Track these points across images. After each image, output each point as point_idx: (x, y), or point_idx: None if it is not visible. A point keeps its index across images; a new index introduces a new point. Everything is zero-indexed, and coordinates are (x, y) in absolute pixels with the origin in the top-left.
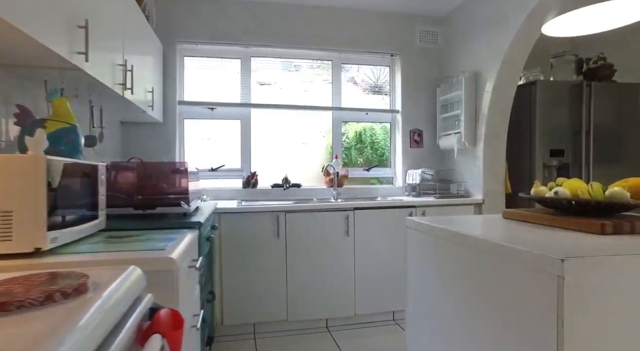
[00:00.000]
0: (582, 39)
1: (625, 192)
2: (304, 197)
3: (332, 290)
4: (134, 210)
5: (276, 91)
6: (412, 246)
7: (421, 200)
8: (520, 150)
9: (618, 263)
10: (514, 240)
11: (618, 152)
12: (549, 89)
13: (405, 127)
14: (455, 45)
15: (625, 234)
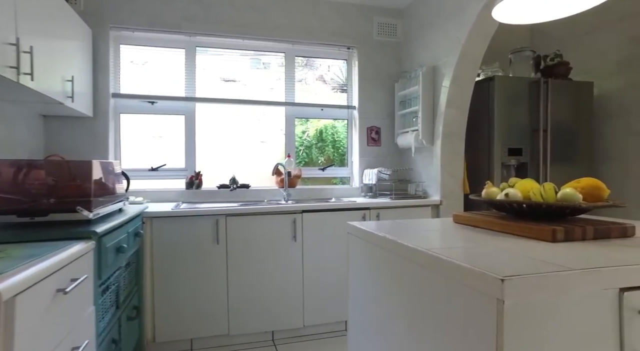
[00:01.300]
0: (540, 36)
1: (577, 193)
2: (253, 198)
3: (278, 300)
4: (18, 217)
5: (240, 88)
6: (353, 253)
7: (376, 202)
8: (478, 148)
9: (566, 281)
10: (457, 252)
11: (573, 151)
12: (507, 85)
13: (363, 124)
14: (414, 39)
15: (576, 241)
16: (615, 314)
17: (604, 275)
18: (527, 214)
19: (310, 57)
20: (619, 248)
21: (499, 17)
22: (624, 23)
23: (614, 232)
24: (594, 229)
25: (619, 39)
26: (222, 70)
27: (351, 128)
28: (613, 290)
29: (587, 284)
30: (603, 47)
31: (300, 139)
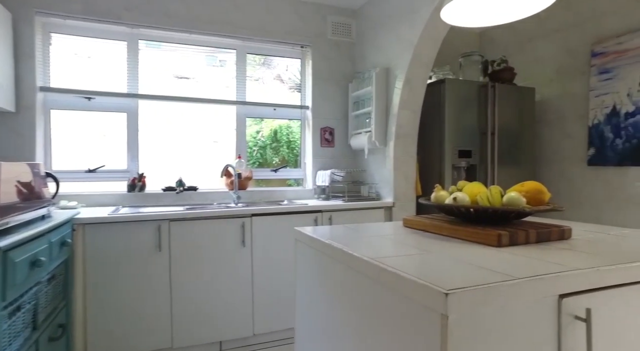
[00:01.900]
0: (488, 42)
1: (521, 197)
2: (201, 201)
3: (226, 309)
4: None
5: (194, 86)
6: (300, 260)
7: (328, 204)
8: (430, 150)
9: (510, 291)
10: (402, 261)
11: (518, 154)
12: (457, 88)
13: (316, 125)
14: (368, 39)
15: (520, 245)
16: (555, 320)
17: (546, 283)
18: (474, 218)
19: (263, 54)
20: (558, 251)
21: (447, 19)
22: (560, 34)
23: (554, 235)
24: (536, 233)
25: (557, 49)
26: (176, 67)
27: (304, 129)
28: (553, 297)
29: (531, 293)
30: (543, 56)
31: (254, 139)
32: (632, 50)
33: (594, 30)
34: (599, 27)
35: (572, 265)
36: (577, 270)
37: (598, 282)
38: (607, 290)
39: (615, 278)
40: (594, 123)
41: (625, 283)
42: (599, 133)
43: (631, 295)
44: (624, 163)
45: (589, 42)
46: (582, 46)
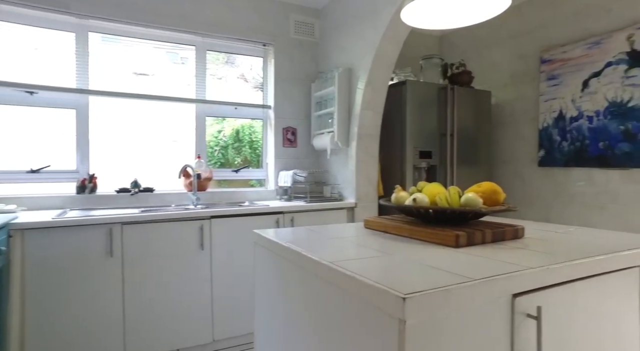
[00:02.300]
0: (448, 45)
1: (478, 198)
2: (158, 203)
3: (184, 315)
4: None
5: (154, 83)
6: (259, 263)
7: (290, 205)
8: (392, 150)
9: (467, 293)
10: (361, 264)
11: (476, 155)
12: (418, 90)
13: (278, 125)
14: (331, 39)
15: (477, 245)
16: (508, 319)
17: (500, 283)
18: (433, 219)
19: (224, 52)
20: (512, 251)
21: (407, 20)
22: (513, 41)
23: (508, 234)
24: (492, 233)
25: (510, 55)
26: (135, 63)
27: (267, 129)
28: (507, 296)
29: (486, 293)
30: (498, 61)
31: (216, 139)
32: (574, 59)
33: (542, 39)
34: (546, 36)
35: (525, 264)
36: (529, 270)
37: (548, 280)
38: (557, 287)
39: (563, 275)
40: (543, 126)
41: (572, 280)
42: (548, 135)
43: (578, 290)
44: (569, 164)
45: (539, 50)
46: (533, 53)
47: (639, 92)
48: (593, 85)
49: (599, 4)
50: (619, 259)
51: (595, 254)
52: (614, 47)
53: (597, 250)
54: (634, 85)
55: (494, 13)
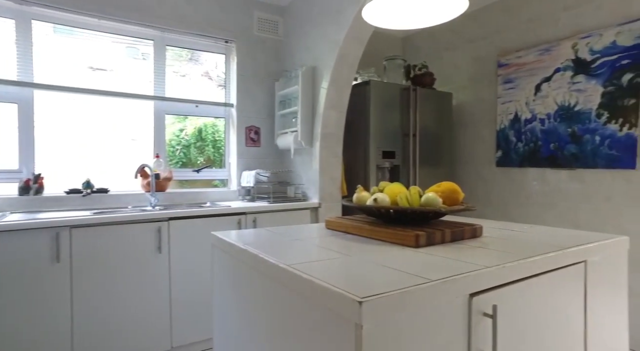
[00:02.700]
0: (410, 47)
1: (437, 197)
2: (113, 205)
3: (141, 322)
4: None
5: (112, 79)
6: (217, 267)
7: (253, 206)
8: (355, 150)
9: (425, 294)
10: (319, 267)
11: (438, 155)
12: (382, 90)
13: (241, 123)
14: (295, 38)
15: (437, 244)
16: (465, 319)
17: (458, 283)
18: (394, 219)
19: (184, 47)
20: (470, 250)
21: (368, 19)
22: (472, 45)
23: (467, 233)
24: (451, 232)
25: (469, 58)
26: (92, 58)
27: (229, 128)
28: (464, 296)
29: (444, 294)
30: (458, 64)
31: (178, 138)
32: (528, 64)
33: (499, 44)
34: (502, 41)
35: (482, 263)
36: (486, 269)
37: (504, 278)
38: (511, 285)
39: (518, 273)
40: (500, 128)
41: (525, 277)
42: (505, 137)
43: (531, 287)
44: (524, 164)
45: (495, 54)
46: (490, 57)
47: (583, 97)
48: (544, 90)
49: (548, 14)
50: (567, 255)
51: (547, 251)
52: (561, 54)
53: (548, 247)
54: (579, 90)
55: (452, 15)
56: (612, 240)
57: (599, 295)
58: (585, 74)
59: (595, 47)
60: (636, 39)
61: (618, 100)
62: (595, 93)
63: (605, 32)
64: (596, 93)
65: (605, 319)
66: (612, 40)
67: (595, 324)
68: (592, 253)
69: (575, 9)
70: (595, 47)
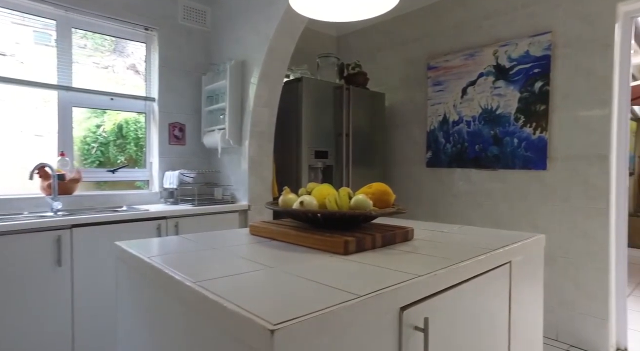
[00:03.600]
0: (344, 47)
1: (368, 200)
2: (4, 211)
3: (36, 346)
4: None
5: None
6: (121, 281)
7: (175, 209)
8: (287, 150)
9: (351, 313)
10: (231, 283)
11: (371, 155)
12: (314, 88)
13: (164, 120)
14: (224, 29)
15: (368, 250)
16: (396, 335)
17: (388, 298)
18: (322, 223)
19: (94, 31)
20: (402, 256)
21: (297, 8)
22: (404, 47)
23: (398, 237)
24: (382, 236)
25: (401, 60)
26: None
27: (150, 124)
28: (394, 310)
29: (372, 310)
30: (390, 64)
31: (94, 135)
32: (455, 67)
33: (428, 46)
34: (432, 44)
35: (414, 270)
36: (418, 278)
37: (435, 287)
38: (443, 293)
39: (449, 280)
40: (430, 129)
41: (456, 284)
42: (434, 138)
43: (461, 293)
44: (452, 165)
45: (425, 57)
46: (421, 59)
47: (503, 101)
48: (470, 93)
49: (472, 21)
50: (495, 257)
51: (476, 254)
52: (484, 60)
53: (477, 250)
54: (499, 95)
55: (382, 10)
56: (532, 239)
57: (521, 292)
58: (505, 80)
59: (512, 55)
60: (544, 50)
61: (532, 106)
62: (513, 98)
63: (520, 42)
64: (514, 98)
65: (525, 313)
66: (525, 49)
67: (517, 319)
68: (516, 254)
69: (494, 19)
70: (513, 55)
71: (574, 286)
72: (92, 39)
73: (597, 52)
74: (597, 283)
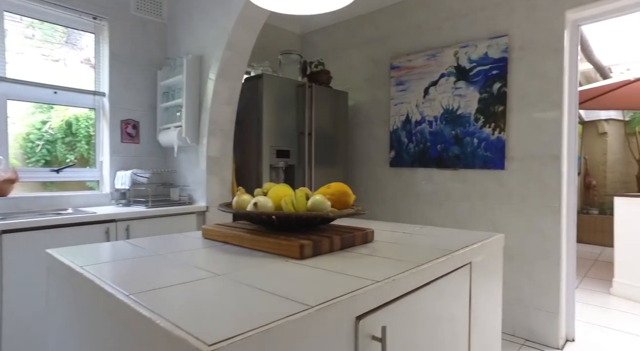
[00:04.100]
0: (308, 45)
1: (326, 201)
2: None
3: None
4: None
5: None
6: (51, 295)
7: (126, 212)
8: (247, 149)
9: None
10: (173, 294)
11: (333, 154)
12: (276, 85)
13: (116, 116)
14: (181, 21)
15: (325, 253)
16: (351, 345)
17: (342, 307)
18: (278, 226)
19: (32, 17)
20: (360, 259)
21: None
22: (367, 46)
23: (358, 240)
24: (341, 239)
25: (365, 59)
26: None
27: (100, 120)
28: (350, 320)
29: (326, 321)
30: (354, 63)
31: (39, 131)
32: (418, 68)
33: (392, 46)
34: (395, 44)
35: (372, 276)
36: (375, 284)
37: (394, 293)
38: (402, 299)
39: (408, 285)
40: (393, 129)
41: (416, 288)
42: (397, 137)
43: (420, 298)
44: (414, 164)
45: (389, 56)
46: (384, 59)
47: (464, 101)
48: (432, 93)
49: (434, 22)
50: (456, 259)
51: (437, 257)
52: (445, 61)
53: (438, 251)
54: (460, 95)
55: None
56: (491, 239)
57: (481, 292)
58: (465, 80)
59: (472, 56)
60: (502, 52)
61: (490, 107)
62: (473, 99)
63: (479, 44)
64: (474, 99)
65: (485, 312)
66: (484, 51)
67: (477, 319)
68: (476, 254)
69: (455, 21)
70: (472, 57)
71: (529, 282)
72: (40, 28)
73: (549, 57)
74: (549, 279)
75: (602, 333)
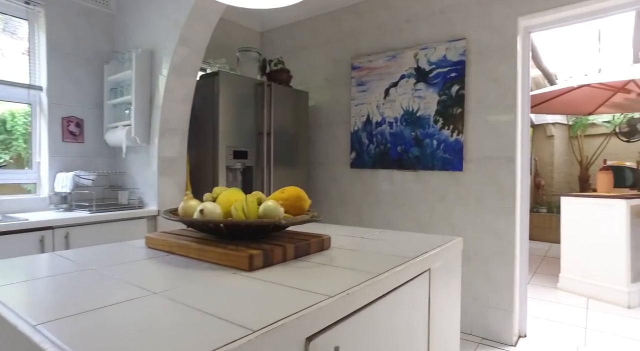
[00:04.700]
0: (268, 43)
1: (278, 207)
2: None
3: None
4: None
5: None
6: None
7: (65, 218)
8: (202, 150)
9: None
10: (94, 321)
11: (293, 156)
12: (233, 83)
13: (56, 113)
14: (130, 12)
15: (277, 263)
16: None
17: (290, 328)
18: (227, 234)
19: None
20: (314, 270)
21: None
22: (328, 46)
23: (313, 247)
24: (295, 247)
25: (326, 59)
26: None
27: (37, 117)
28: (299, 342)
29: (271, 346)
30: (315, 63)
31: None
32: (378, 68)
33: (352, 47)
34: (356, 44)
35: (325, 289)
36: (328, 300)
37: (348, 308)
38: (357, 314)
39: (365, 297)
40: (354, 130)
41: (372, 301)
42: (358, 138)
43: (377, 311)
44: (375, 166)
45: (349, 56)
46: (345, 59)
47: (423, 103)
48: (392, 94)
49: (394, 23)
50: (414, 266)
51: (395, 265)
52: (406, 62)
53: (396, 259)
54: (420, 97)
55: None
56: (450, 243)
57: (440, 297)
58: (425, 82)
59: (431, 58)
60: (460, 55)
61: (449, 109)
62: (432, 101)
63: (438, 46)
64: (433, 100)
65: (444, 316)
66: (443, 54)
67: (436, 324)
68: (435, 260)
69: (415, 22)
70: (432, 59)
71: (485, 281)
72: None
73: (504, 61)
74: (504, 277)
75: (550, 326)
